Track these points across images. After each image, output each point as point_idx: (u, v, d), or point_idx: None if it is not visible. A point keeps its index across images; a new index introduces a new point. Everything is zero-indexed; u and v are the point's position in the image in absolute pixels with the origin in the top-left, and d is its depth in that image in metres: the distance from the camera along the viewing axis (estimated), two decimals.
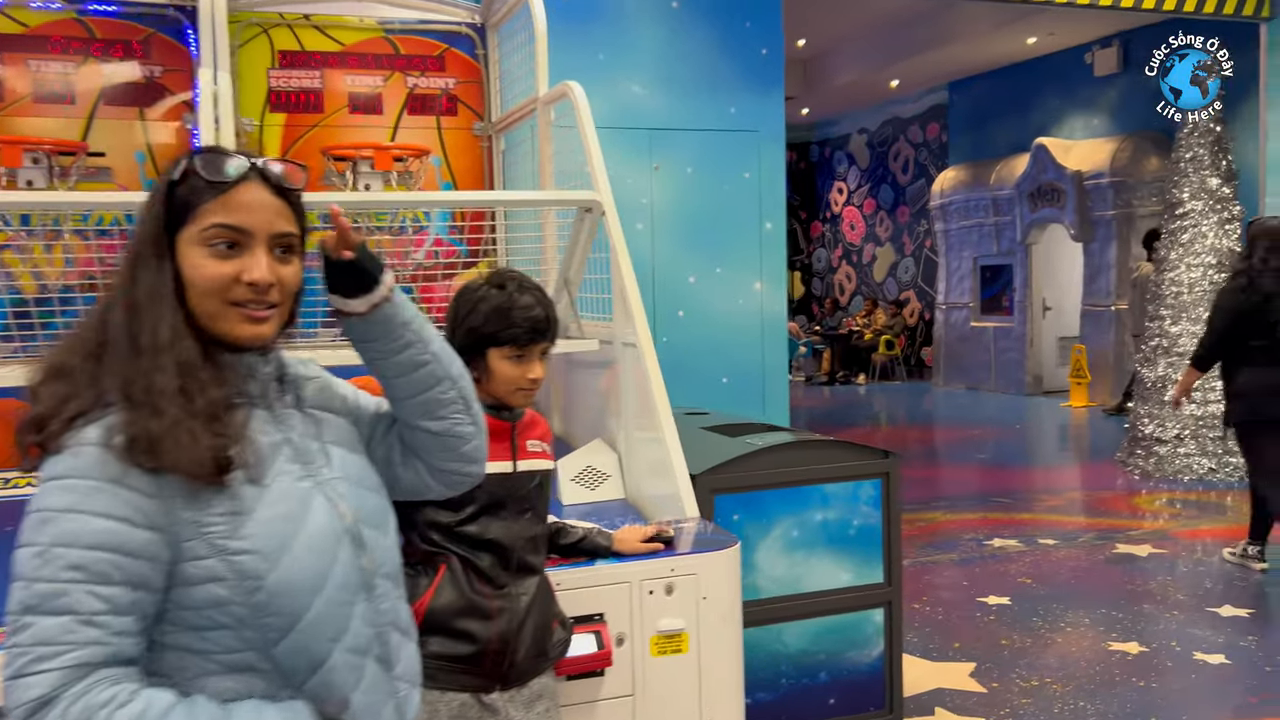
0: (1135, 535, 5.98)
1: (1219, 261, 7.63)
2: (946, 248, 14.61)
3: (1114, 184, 11.70)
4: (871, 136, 16.99)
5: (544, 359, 1.95)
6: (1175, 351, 7.66)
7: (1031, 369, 13.24)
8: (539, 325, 1.91)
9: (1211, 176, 7.70)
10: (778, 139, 4.71)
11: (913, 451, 9.59)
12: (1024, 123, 13.54)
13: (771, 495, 3.15)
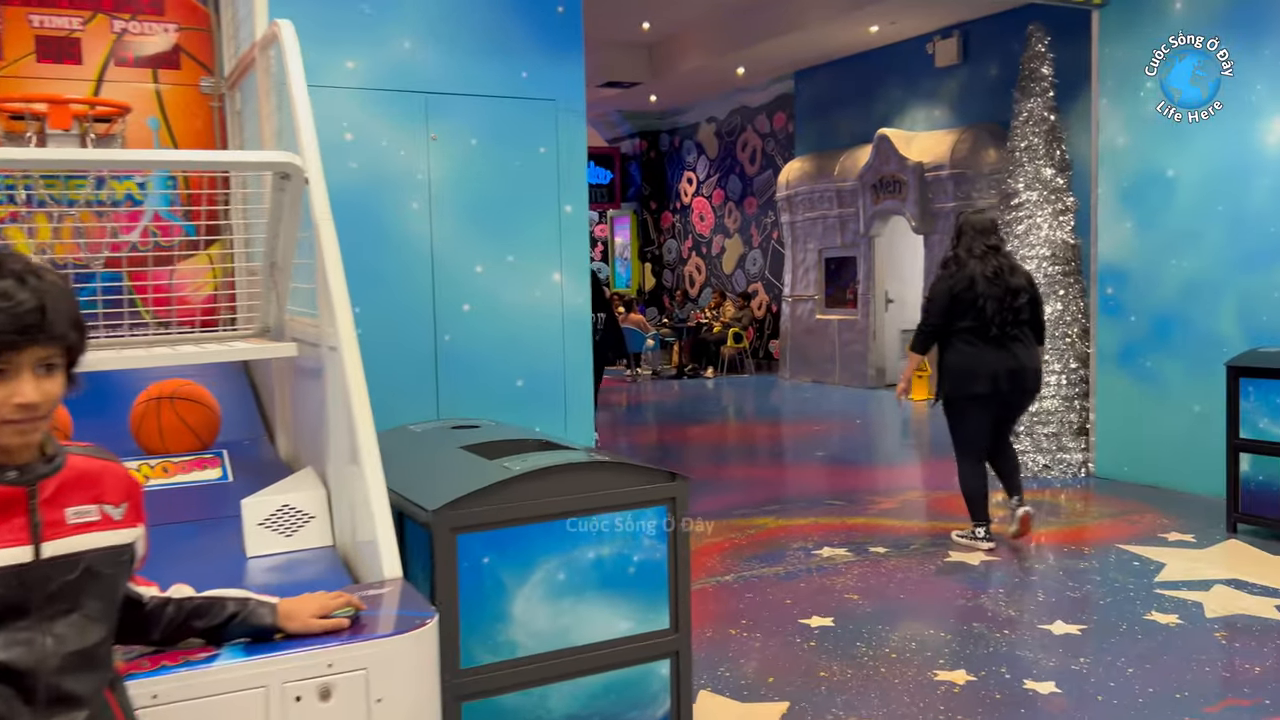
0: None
1: (1053, 253, 7.48)
2: (792, 240, 14.41)
3: (954, 176, 11.64)
4: (720, 126, 16.69)
5: (52, 374, 1.32)
6: None
7: (874, 362, 13.14)
8: (21, 322, 1.27)
9: (1046, 167, 7.54)
10: (578, 110, 4.15)
11: (751, 449, 9.23)
12: (867, 113, 13.42)
13: (532, 531, 2.59)
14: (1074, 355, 7.42)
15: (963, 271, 5.33)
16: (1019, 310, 5.32)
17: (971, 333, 5.29)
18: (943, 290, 5.38)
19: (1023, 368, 5.33)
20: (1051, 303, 7.42)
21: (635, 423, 10.76)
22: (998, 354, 5.28)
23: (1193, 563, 5.17)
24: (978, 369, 5.28)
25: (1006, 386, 5.31)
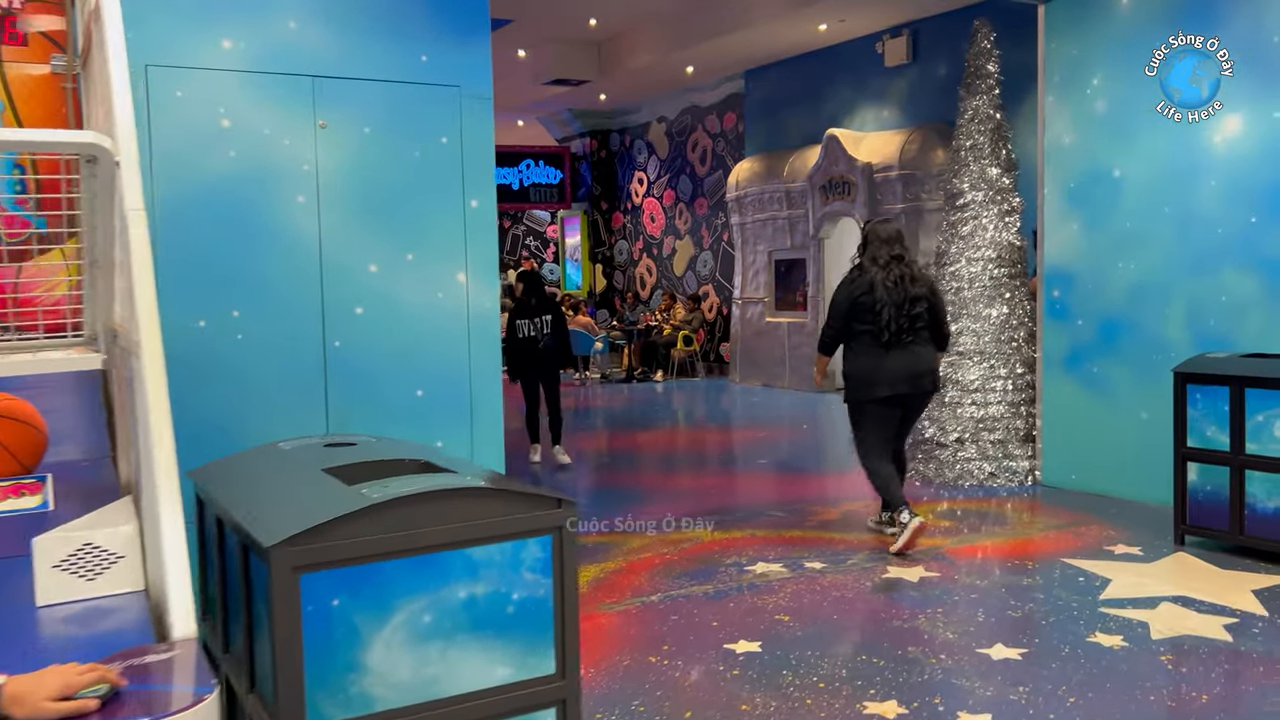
0: (908, 554, 5.44)
1: (999, 255, 7.28)
2: (742, 241, 14.17)
3: (903, 177, 11.45)
4: (670, 125, 16.43)
5: None
6: (956, 350, 7.26)
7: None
8: None
9: (991, 166, 7.33)
10: (484, 97, 3.83)
11: (695, 457, 8.94)
12: (817, 113, 13.22)
13: (392, 568, 2.27)
14: (1020, 360, 7.22)
15: (864, 278, 5.53)
16: (916, 317, 5.51)
17: (872, 337, 5.48)
18: (843, 296, 5.58)
19: (920, 371, 5.53)
20: (997, 306, 7.22)
21: (580, 429, 10.44)
22: (897, 358, 5.47)
23: (1139, 578, 4.96)
24: (878, 373, 5.47)
25: (905, 390, 5.51)
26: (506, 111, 17.74)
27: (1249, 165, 5.86)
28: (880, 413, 5.56)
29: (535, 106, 17.09)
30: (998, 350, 7.19)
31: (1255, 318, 5.86)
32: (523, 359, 8.18)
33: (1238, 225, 5.92)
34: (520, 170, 17.65)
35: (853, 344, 5.58)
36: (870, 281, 5.48)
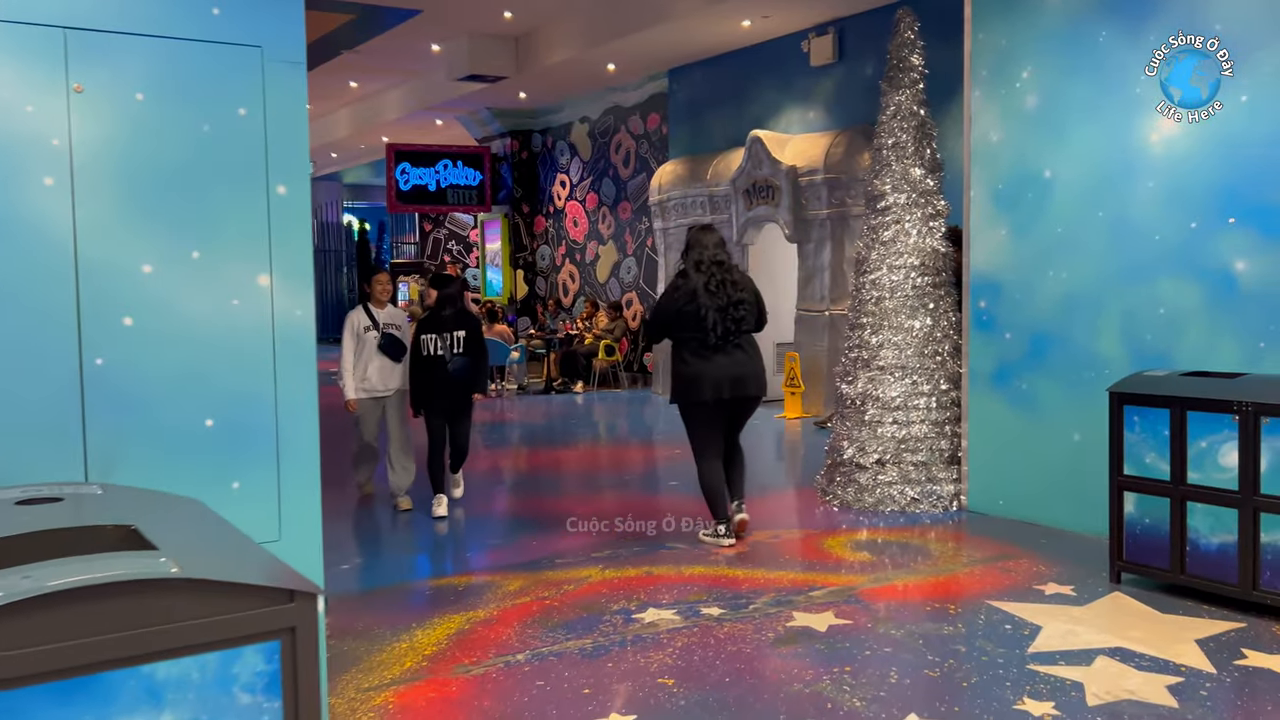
0: (819, 597, 4.84)
1: (923, 262, 6.74)
2: (665, 247, 13.57)
3: (828, 181, 10.95)
4: (594, 126, 15.79)
5: None
6: (877, 364, 6.71)
7: None
8: None
9: (915, 166, 6.80)
10: (294, 61, 3.14)
11: (601, 479, 8.28)
12: (741, 114, 12.68)
13: (33, 696, 1.58)
14: (945, 375, 6.68)
15: (687, 285, 5.65)
16: (740, 320, 5.67)
17: (698, 342, 5.60)
18: (666, 303, 5.74)
19: (745, 375, 5.69)
20: (921, 317, 6.68)
21: (487, 446, 9.73)
22: (721, 363, 5.61)
23: (1073, 624, 4.41)
24: (703, 377, 5.60)
25: (730, 393, 5.65)
26: (424, 110, 16.97)
27: (1189, 166, 5.37)
28: (707, 416, 5.70)
29: (452, 104, 16.35)
30: (921, 365, 6.65)
31: (1195, 332, 5.37)
32: (426, 384, 6.66)
33: (1177, 231, 5.44)
34: (437, 171, 16.88)
35: (679, 349, 5.71)
36: (693, 289, 5.60)
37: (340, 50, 14.63)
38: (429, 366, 6.64)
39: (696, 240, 5.80)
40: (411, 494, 7.07)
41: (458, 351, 6.66)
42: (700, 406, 5.67)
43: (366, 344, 6.90)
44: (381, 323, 6.96)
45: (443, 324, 6.68)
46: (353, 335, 6.92)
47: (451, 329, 6.69)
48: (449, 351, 6.65)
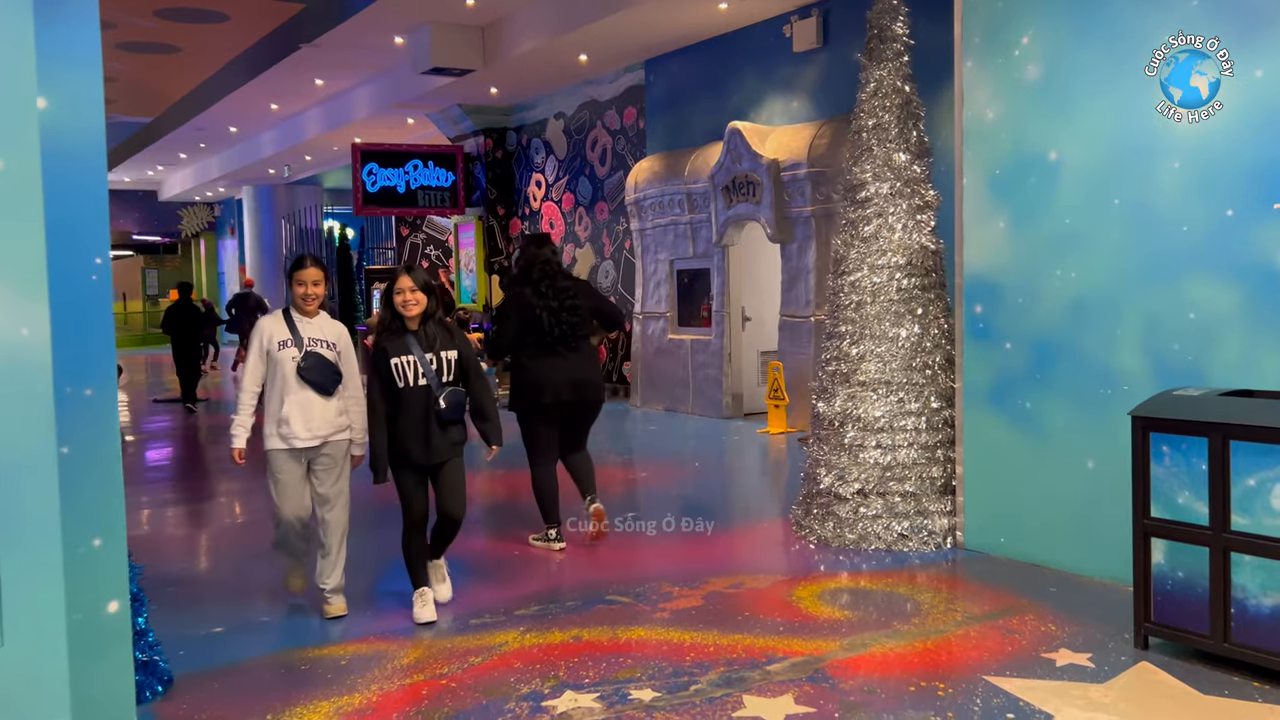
0: (778, 671, 3.95)
1: (910, 261, 5.84)
2: (643, 249, 12.69)
3: (812, 175, 10.05)
4: (569, 122, 14.91)
5: None
6: (857, 380, 5.81)
7: (730, 388, 11.47)
8: None
9: (899, 151, 5.90)
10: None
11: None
12: (721, 106, 11.79)
13: None
14: (936, 392, 5.79)
15: (521, 294, 5.75)
16: (576, 325, 5.75)
17: (536, 348, 5.70)
18: (505, 312, 5.83)
19: (581, 380, 5.78)
20: (907, 324, 5.78)
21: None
22: (559, 367, 5.71)
23: (1091, 712, 3.51)
24: (541, 382, 5.70)
25: (568, 397, 5.74)
26: (394, 108, 16.10)
27: (1224, 142, 4.48)
28: (545, 420, 5.80)
29: (422, 101, 15.47)
30: (908, 380, 5.75)
31: (1233, 342, 4.47)
32: (404, 432, 4.62)
33: (1209, 220, 4.54)
34: (406, 171, 15.99)
35: (518, 355, 5.79)
36: (526, 297, 5.71)
37: (298, 44, 13.77)
38: (403, 402, 4.63)
39: (526, 251, 5.92)
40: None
41: (448, 380, 4.69)
42: (539, 411, 5.77)
43: (281, 367, 4.62)
44: (306, 338, 4.67)
45: (425, 338, 4.67)
46: (260, 353, 4.67)
47: (438, 347, 4.69)
48: (435, 380, 4.65)
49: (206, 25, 12.97)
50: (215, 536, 6.87)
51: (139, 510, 7.44)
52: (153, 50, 14.28)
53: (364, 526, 5.92)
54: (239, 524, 7.22)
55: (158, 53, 14.41)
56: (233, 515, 7.54)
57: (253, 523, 6.97)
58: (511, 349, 5.80)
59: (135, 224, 31.54)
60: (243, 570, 5.79)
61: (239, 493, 8.16)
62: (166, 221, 31.89)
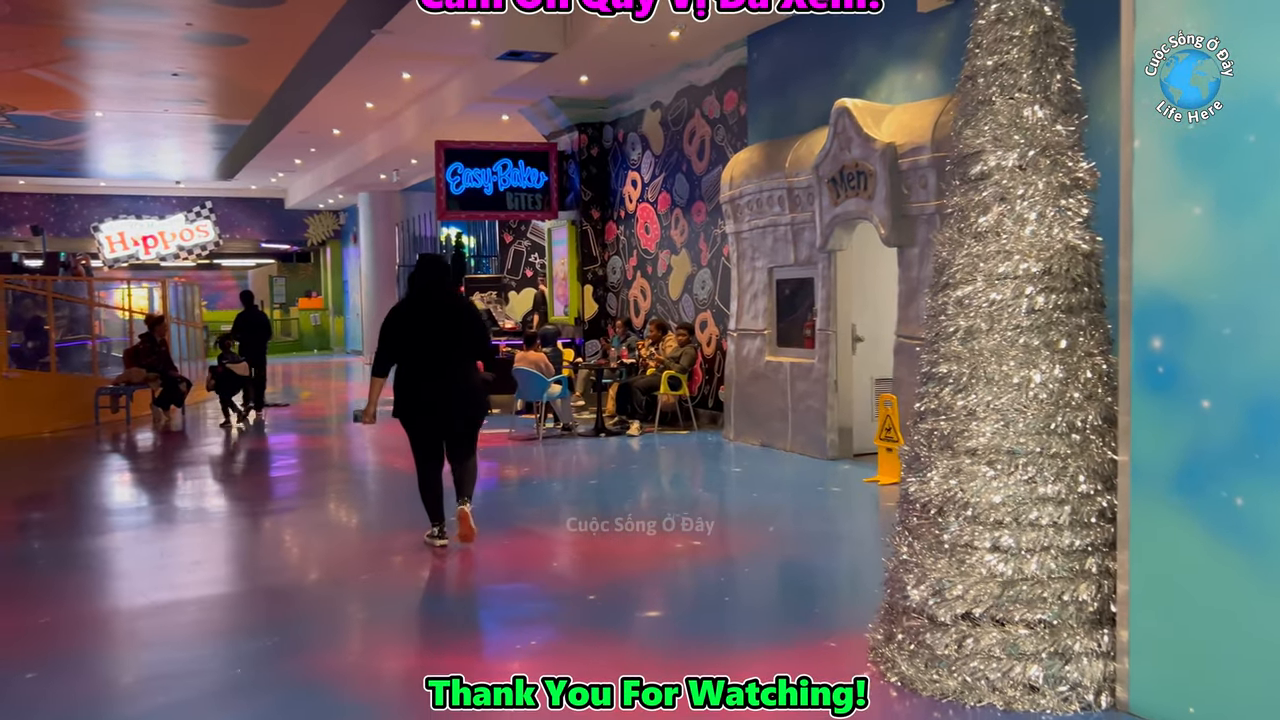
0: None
1: (1049, 270, 3.88)
2: (739, 255, 10.87)
3: (937, 162, 8.05)
4: (666, 112, 13.23)
5: None
6: (965, 446, 3.89)
7: (836, 423, 9.51)
8: None
9: (1034, 104, 3.95)
10: None
11: (552, 601, 5.59)
12: (833, 85, 9.86)
13: None
14: (1088, 469, 3.81)
15: (402, 308, 6.20)
16: (451, 344, 6.05)
17: (413, 363, 6.07)
18: (386, 323, 6.15)
19: (454, 392, 6.09)
20: (1043, 364, 3.82)
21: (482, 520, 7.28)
22: (432, 384, 6.05)
23: None
24: (417, 392, 6.07)
25: (441, 413, 6.11)
26: (484, 103, 14.77)
27: None
28: (421, 428, 6.14)
29: (510, 93, 14.09)
30: (1043, 449, 3.80)
31: None
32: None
33: None
34: (495, 172, 14.62)
35: (400, 366, 6.10)
36: (408, 309, 6.10)
37: (370, 31, 12.57)
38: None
39: (420, 261, 6.33)
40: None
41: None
42: (414, 420, 6.13)
43: None
44: None
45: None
46: None
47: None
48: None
49: (263, 10, 11.89)
50: None
51: None
52: (222, 43, 13.36)
53: None
54: None
55: (228, 45, 13.48)
56: None
57: None
58: (389, 362, 6.23)
59: (263, 232, 31.56)
60: None
61: None
62: (294, 229, 31.82)
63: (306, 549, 6.86)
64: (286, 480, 9.85)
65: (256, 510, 8.20)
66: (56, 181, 27.13)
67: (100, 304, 15.23)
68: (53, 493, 9.16)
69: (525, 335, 11.95)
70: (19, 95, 16.14)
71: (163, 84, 15.65)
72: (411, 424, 6.13)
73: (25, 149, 21.74)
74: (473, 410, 6.17)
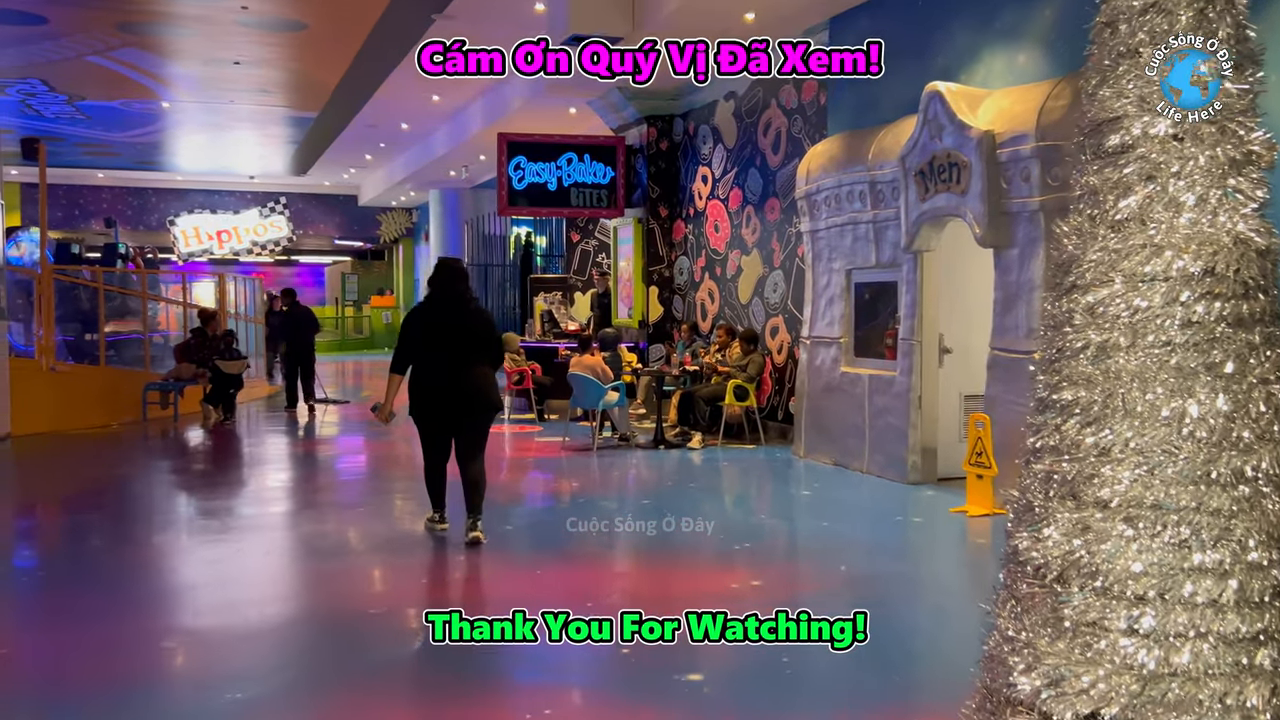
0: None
1: (1212, 270, 2.97)
2: (814, 256, 9.99)
3: (1042, 152, 7.12)
4: (740, 103, 12.39)
5: None
6: (1093, 496, 3.00)
7: (919, 443, 8.58)
8: None
9: (1195, 49, 3.04)
10: None
11: (556, 669, 4.84)
12: (924, 68, 8.93)
13: None
14: (1259, 529, 2.89)
15: (423, 308, 6.47)
16: (469, 346, 6.26)
17: (428, 362, 6.30)
18: (405, 323, 6.51)
19: (467, 391, 6.26)
20: (1203, 393, 2.92)
21: (500, 548, 6.57)
22: (446, 379, 6.25)
23: None
24: (429, 391, 6.29)
25: (453, 412, 6.32)
26: (550, 95, 14.12)
27: None
28: (429, 426, 6.40)
29: (577, 83, 13.38)
30: (1198, 503, 2.90)
31: None
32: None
33: None
34: (559, 166, 13.93)
35: (415, 367, 6.36)
36: (423, 314, 6.40)
37: (430, 15, 11.99)
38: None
39: (438, 265, 6.54)
40: None
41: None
42: (424, 417, 6.34)
43: None
44: None
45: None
46: None
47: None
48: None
49: None
50: None
51: None
52: (280, 28, 12.91)
53: None
54: None
55: (286, 30, 13.04)
56: None
57: None
58: (406, 362, 6.53)
59: (336, 229, 31.50)
60: None
61: None
62: (367, 226, 31.68)
63: (329, 574, 6.20)
64: (323, 488, 9.26)
65: (293, 522, 7.60)
66: (134, 175, 27.33)
67: (153, 297, 14.91)
68: (78, 495, 8.69)
69: (580, 338, 11.20)
70: (84, 84, 15.97)
71: (226, 73, 15.32)
72: (423, 420, 6.36)
73: (101, 141, 21.78)
74: (481, 410, 6.34)
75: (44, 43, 13.42)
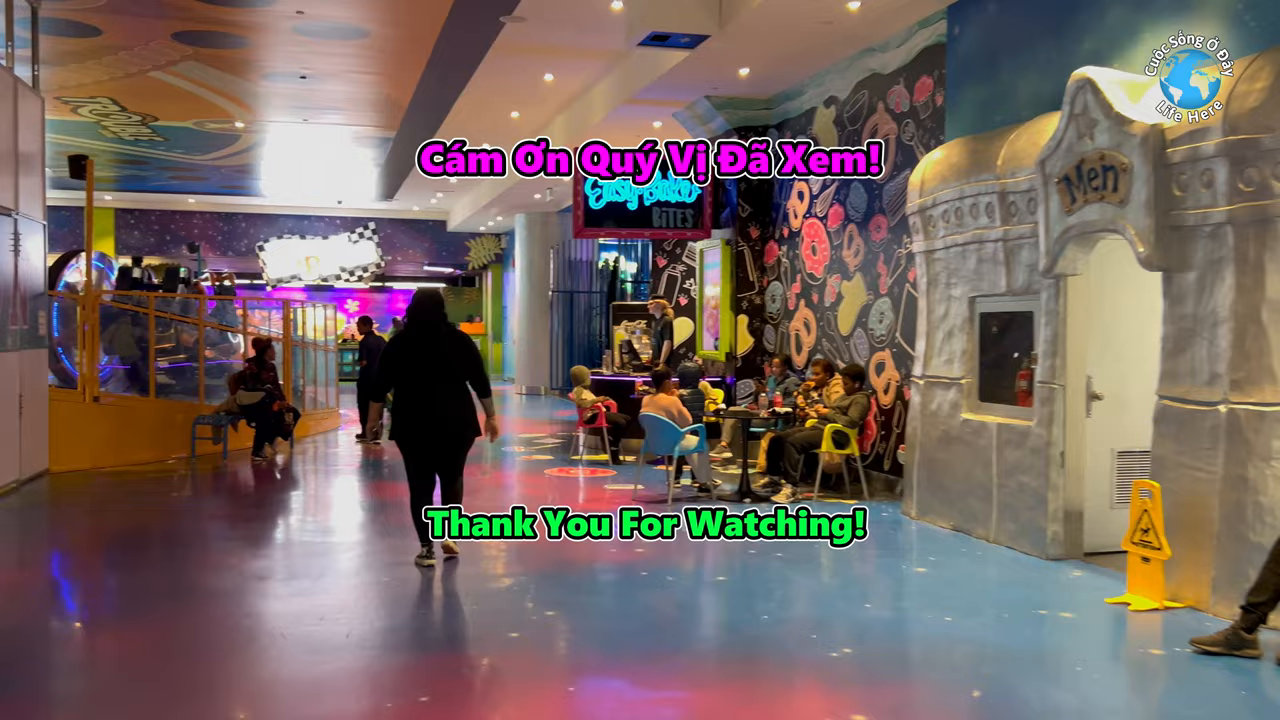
0: None
1: None
2: (929, 280, 8.49)
3: (1230, 149, 5.55)
4: (841, 109, 10.97)
5: None
6: None
7: (1061, 509, 6.98)
8: None
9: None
10: None
11: None
12: (1066, 58, 7.41)
13: None
14: None
15: (404, 336, 6.69)
16: (447, 373, 6.53)
17: (410, 387, 6.54)
18: (385, 353, 6.75)
19: (445, 417, 6.52)
20: None
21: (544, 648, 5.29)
22: (427, 407, 6.50)
23: None
24: (410, 416, 6.55)
25: (433, 434, 6.55)
26: (633, 105, 12.90)
27: None
28: (413, 450, 6.62)
29: (660, 92, 12.17)
30: None
31: None
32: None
33: None
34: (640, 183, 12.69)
35: (398, 394, 6.59)
36: (405, 344, 6.60)
37: (500, 19, 10.90)
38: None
39: (413, 305, 6.68)
40: None
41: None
42: (407, 442, 6.61)
43: None
44: None
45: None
46: None
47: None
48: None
49: None
50: None
51: None
52: (341, 35, 12.01)
53: None
54: None
55: (347, 38, 12.14)
56: None
57: None
58: (386, 388, 6.81)
59: (426, 254, 30.88)
60: None
61: None
62: (456, 253, 31.01)
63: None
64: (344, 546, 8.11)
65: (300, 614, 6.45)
66: (224, 200, 27.13)
67: (210, 324, 14.14)
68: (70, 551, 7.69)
69: (654, 374, 9.86)
70: (153, 102, 15.42)
71: (293, 88, 14.57)
72: (406, 446, 6.64)
73: (185, 165, 21.45)
74: (457, 436, 6.63)
75: (104, 56, 12.82)
